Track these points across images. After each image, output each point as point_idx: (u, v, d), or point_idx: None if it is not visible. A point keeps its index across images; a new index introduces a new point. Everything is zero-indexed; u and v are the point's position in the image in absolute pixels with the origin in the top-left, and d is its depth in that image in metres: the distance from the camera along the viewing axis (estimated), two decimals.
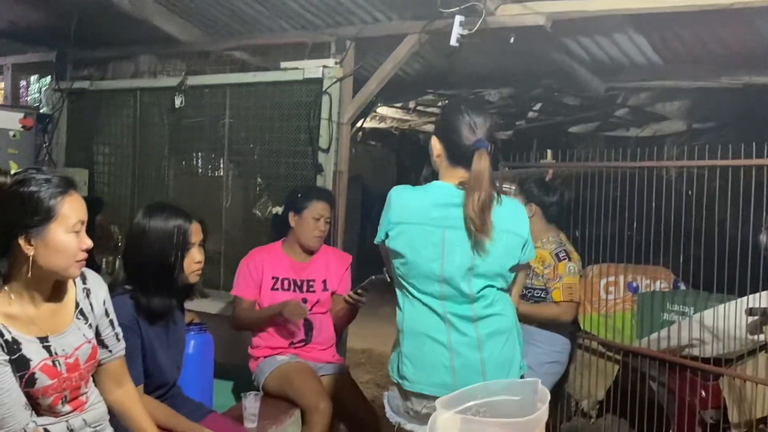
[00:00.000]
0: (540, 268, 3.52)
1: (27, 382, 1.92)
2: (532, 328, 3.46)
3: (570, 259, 3.51)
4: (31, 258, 1.89)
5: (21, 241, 1.88)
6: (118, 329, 2.22)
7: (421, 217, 2.27)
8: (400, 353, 2.33)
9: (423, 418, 2.25)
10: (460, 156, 2.26)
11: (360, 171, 10.18)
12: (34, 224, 1.88)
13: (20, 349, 1.91)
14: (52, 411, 2.00)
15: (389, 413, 2.38)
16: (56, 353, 1.98)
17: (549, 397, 1.37)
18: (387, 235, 2.29)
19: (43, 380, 1.94)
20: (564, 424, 4.08)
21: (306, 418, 3.18)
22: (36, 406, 1.96)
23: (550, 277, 3.49)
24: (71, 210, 1.92)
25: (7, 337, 1.90)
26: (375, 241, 2.35)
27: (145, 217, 2.49)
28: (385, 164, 12.43)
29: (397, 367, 2.33)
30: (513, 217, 2.32)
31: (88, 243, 1.96)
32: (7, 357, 1.89)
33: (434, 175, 2.39)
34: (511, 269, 2.31)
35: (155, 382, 2.52)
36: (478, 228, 2.19)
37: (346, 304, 3.42)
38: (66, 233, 1.91)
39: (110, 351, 2.19)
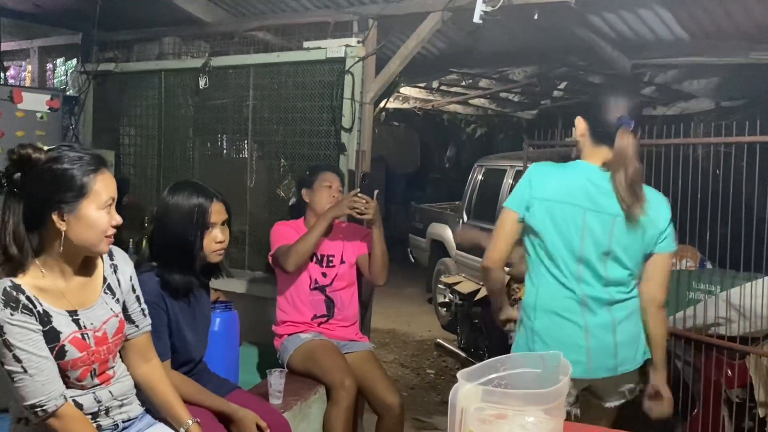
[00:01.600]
0: None
1: (57, 354, 1.96)
2: None
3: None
4: (63, 233, 1.92)
5: (54, 217, 1.92)
6: (144, 305, 2.25)
7: (564, 197, 2.30)
8: (529, 330, 2.35)
9: None
10: (603, 134, 2.29)
11: (383, 152, 10.19)
12: (67, 200, 1.92)
13: (51, 322, 1.95)
14: (80, 384, 2.04)
15: None
16: (85, 326, 2.02)
17: (571, 369, 1.38)
18: (526, 210, 2.33)
19: (72, 353, 1.98)
20: None
21: (331, 395, 3.21)
22: (64, 378, 2.00)
23: None
24: (103, 187, 1.96)
25: (39, 309, 1.94)
26: (505, 205, 2.40)
27: (170, 194, 2.53)
28: (408, 145, 12.42)
29: (527, 347, 2.34)
30: (652, 206, 2.32)
31: (118, 219, 1.99)
32: (41, 327, 1.93)
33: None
34: (645, 257, 2.34)
35: (181, 358, 2.55)
36: (628, 203, 2.22)
37: (357, 219, 3.40)
38: (98, 210, 1.95)
39: (137, 326, 2.22)
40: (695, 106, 6.71)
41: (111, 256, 2.16)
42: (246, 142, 4.66)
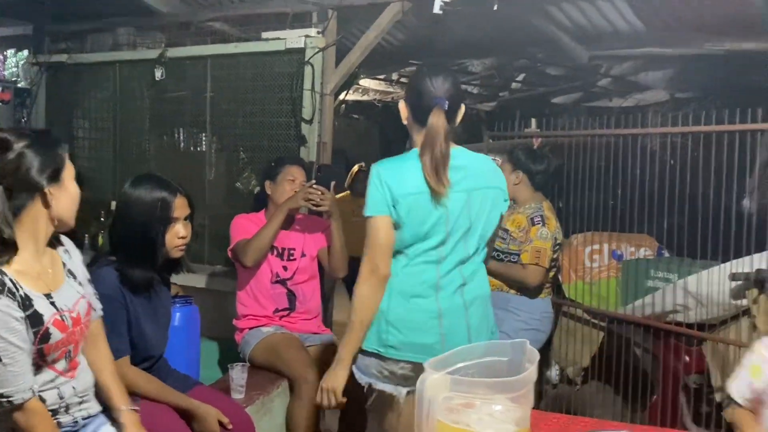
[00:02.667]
0: (516, 232, 3.50)
1: (42, 337, 1.92)
2: (509, 295, 3.46)
3: (544, 225, 3.47)
4: (50, 208, 1.95)
5: (47, 191, 1.94)
6: (94, 289, 2.22)
7: (419, 186, 2.27)
8: (382, 321, 2.30)
9: (398, 379, 2.28)
10: (422, 116, 2.28)
11: (343, 144, 10.12)
12: (53, 175, 1.95)
13: (33, 305, 1.92)
14: (53, 366, 2.00)
15: (358, 375, 2.38)
16: (61, 308, 2.00)
17: (538, 357, 1.38)
18: (393, 208, 2.26)
19: (56, 335, 1.95)
20: (550, 391, 4.11)
21: (294, 389, 3.19)
22: (40, 361, 1.96)
23: (522, 240, 3.47)
24: (68, 159, 2.02)
25: (21, 293, 1.90)
26: (370, 214, 2.27)
27: (131, 187, 2.47)
28: (368, 137, 12.39)
29: (378, 336, 2.30)
30: (491, 172, 2.38)
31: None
32: (23, 314, 1.89)
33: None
34: (498, 222, 2.37)
35: (141, 355, 2.49)
36: (433, 186, 2.22)
37: (313, 210, 3.36)
38: (71, 180, 2.01)
39: (95, 310, 2.19)
40: (651, 97, 6.82)
41: (60, 241, 2.14)
42: (204, 134, 4.59)
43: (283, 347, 3.27)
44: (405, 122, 2.38)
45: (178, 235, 2.47)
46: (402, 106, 2.38)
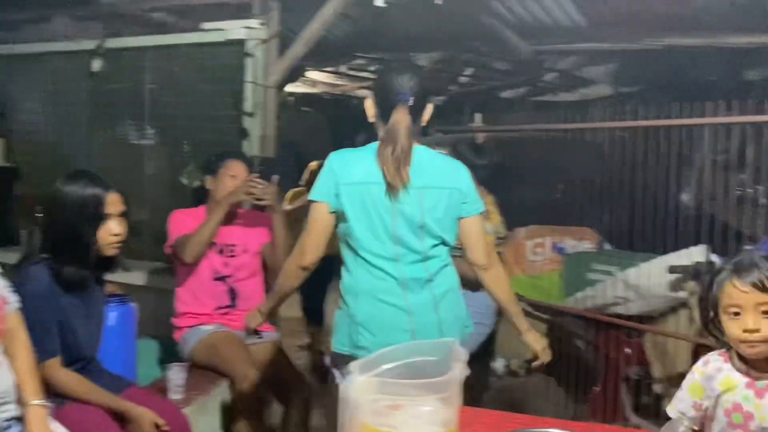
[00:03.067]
0: None
1: None
2: None
3: (488, 220, 3.48)
4: None
5: None
6: (8, 282, 2.16)
7: (369, 178, 2.26)
8: (352, 322, 2.28)
9: None
10: (387, 112, 2.27)
11: (294, 137, 10.04)
12: None
13: None
14: None
15: (338, 376, 2.30)
16: None
17: (465, 356, 1.36)
18: (335, 197, 2.26)
19: None
20: (494, 384, 4.13)
21: (234, 388, 3.13)
22: None
23: None
24: None
25: None
26: (311, 198, 2.30)
27: (63, 184, 2.41)
28: (319, 130, 12.29)
29: (350, 338, 2.29)
30: (452, 173, 2.35)
31: None
32: None
33: (369, 140, 2.39)
34: (456, 224, 2.35)
35: (72, 356, 2.42)
36: (390, 181, 2.21)
37: (255, 204, 3.32)
38: None
39: (9, 302, 2.13)
40: (595, 91, 6.88)
41: None
42: (144, 127, 4.48)
43: (223, 346, 3.21)
44: (371, 119, 2.37)
45: (111, 233, 2.41)
46: (368, 104, 2.38)
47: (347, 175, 2.25)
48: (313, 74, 7.81)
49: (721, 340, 1.77)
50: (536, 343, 2.50)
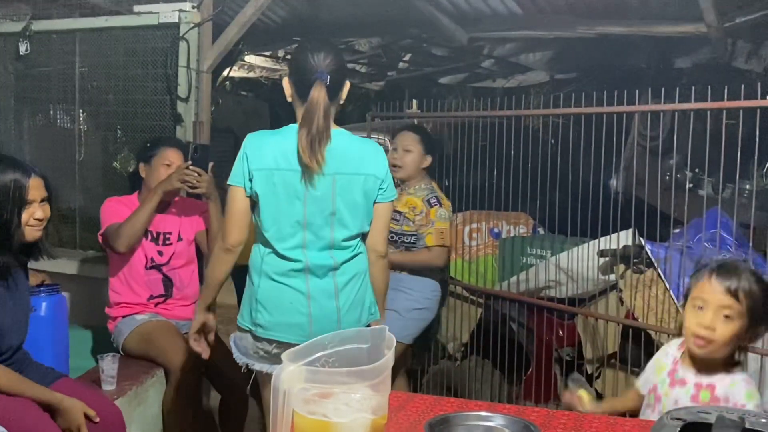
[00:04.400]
0: (411, 214, 3.53)
1: None
2: (401, 274, 3.49)
3: (441, 206, 3.54)
4: None
5: None
6: None
7: (281, 163, 2.26)
8: (253, 300, 2.33)
9: (274, 358, 2.29)
10: (304, 92, 2.26)
11: (232, 123, 9.91)
12: None
13: None
14: None
15: (236, 355, 2.43)
16: None
17: (395, 343, 1.37)
18: (249, 182, 2.27)
19: None
20: (432, 367, 4.18)
21: (169, 378, 3.10)
22: None
23: (423, 223, 3.52)
24: None
25: None
26: (229, 183, 2.30)
27: None
28: (257, 115, 12.16)
29: (250, 314, 2.34)
30: (368, 158, 2.34)
31: None
32: None
33: None
34: (370, 212, 2.35)
35: None
36: (306, 162, 2.20)
37: (190, 192, 3.26)
38: None
39: None
40: (532, 78, 7.00)
41: None
42: (74, 111, 4.36)
43: (157, 335, 3.17)
44: (289, 99, 2.36)
45: (33, 217, 2.35)
46: (285, 83, 2.37)
47: (259, 160, 2.25)
48: (250, 59, 7.73)
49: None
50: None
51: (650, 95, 3.27)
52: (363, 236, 2.40)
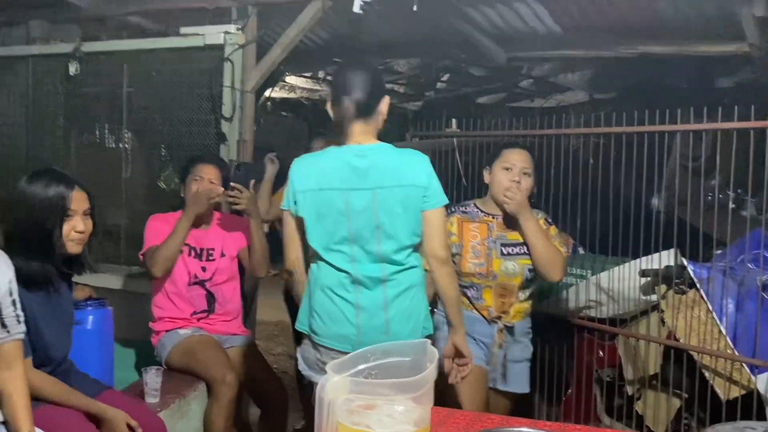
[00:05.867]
0: None
1: None
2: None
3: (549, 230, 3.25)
4: None
5: None
6: (20, 312, 2.15)
7: (321, 183, 2.34)
8: (310, 307, 2.43)
9: None
10: (342, 112, 2.37)
11: (272, 142, 10.05)
12: None
13: None
14: None
15: (302, 366, 2.49)
16: None
17: (437, 356, 1.39)
18: (294, 204, 2.38)
19: None
20: None
21: (212, 391, 3.14)
22: None
23: None
24: None
25: None
26: (281, 207, 2.44)
27: (27, 183, 2.42)
28: (297, 135, 12.31)
29: (308, 320, 2.43)
30: (408, 168, 2.39)
31: None
32: None
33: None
34: (418, 222, 2.38)
35: (40, 357, 2.41)
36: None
37: (234, 208, 3.34)
38: None
39: (8, 332, 2.12)
40: (570, 98, 6.98)
41: None
42: (121, 131, 4.48)
43: (200, 349, 3.22)
44: (334, 122, 2.44)
45: (75, 229, 2.42)
46: (329, 107, 2.46)
47: (302, 182, 2.37)
48: (291, 79, 7.84)
49: None
50: (461, 346, 2.55)
51: (692, 115, 3.24)
52: (417, 248, 2.43)
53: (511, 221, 3.02)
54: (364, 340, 2.26)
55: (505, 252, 3.03)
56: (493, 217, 3.09)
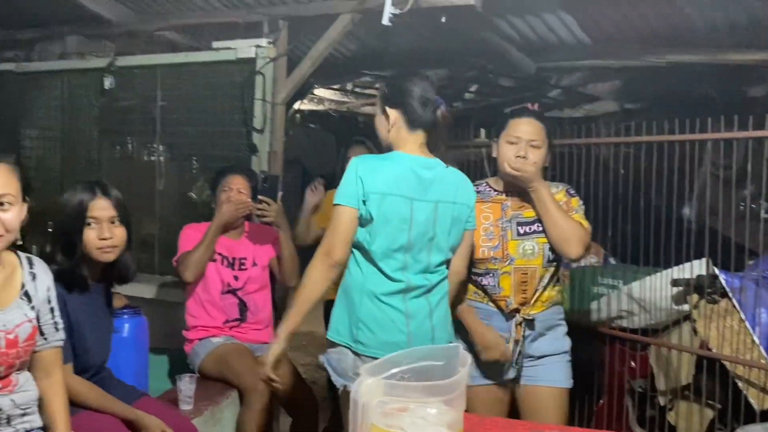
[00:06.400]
0: None
1: None
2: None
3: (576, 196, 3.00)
4: None
5: None
6: (59, 319, 2.20)
7: (393, 188, 2.34)
8: (354, 317, 2.37)
9: None
10: (420, 119, 2.37)
11: (300, 154, 10.12)
12: None
13: None
14: None
15: (334, 376, 2.42)
16: None
17: (470, 360, 1.41)
18: (363, 204, 2.34)
19: None
20: None
21: (244, 399, 3.18)
22: None
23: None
24: None
25: None
26: (337, 202, 2.36)
27: (66, 191, 2.54)
28: (325, 147, 12.39)
29: (350, 331, 2.37)
30: (463, 187, 2.46)
31: None
32: None
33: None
34: (459, 240, 2.46)
35: (81, 364, 2.47)
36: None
37: (262, 220, 3.36)
38: None
39: (46, 339, 2.16)
40: (600, 108, 6.95)
41: (31, 264, 2.13)
42: (155, 143, 4.56)
43: (233, 357, 3.26)
44: (391, 128, 2.41)
45: (99, 236, 2.46)
46: (391, 113, 2.40)
47: (373, 183, 2.32)
48: (320, 91, 7.90)
49: None
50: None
51: (723, 123, 3.22)
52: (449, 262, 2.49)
53: (527, 197, 2.72)
54: (414, 346, 2.26)
55: (521, 231, 2.71)
56: (507, 195, 2.77)
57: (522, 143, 2.65)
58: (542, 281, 2.73)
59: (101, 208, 2.47)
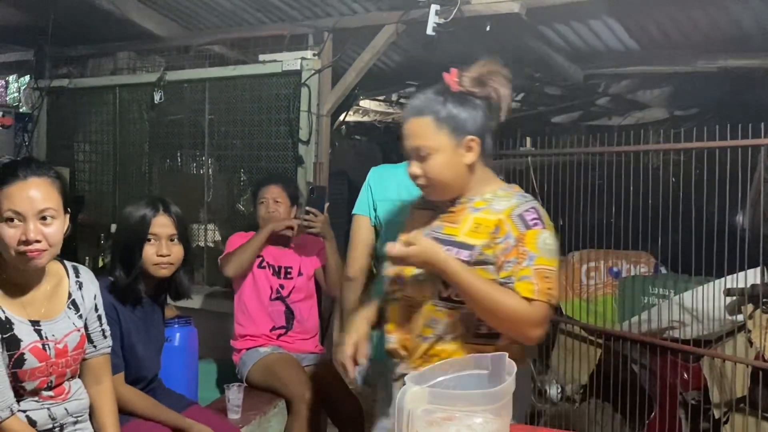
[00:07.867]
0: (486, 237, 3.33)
1: (15, 362, 1.94)
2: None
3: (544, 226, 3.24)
4: None
5: None
6: (106, 327, 2.25)
7: (402, 194, 2.35)
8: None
9: None
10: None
11: (345, 166, 10.17)
12: None
13: (12, 329, 1.94)
14: (35, 395, 2.02)
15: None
16: (46, 337, 2.01)
17: (515, 368, 1.39)
18: (374, 211, 2.38)
19: (31, 362, 1.97)
20: (549, 409, 4.10)
21: (291, 408, 3.19)
22: (20, 389, 1.97)
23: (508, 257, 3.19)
24: (4, 199, 1.89)
25: (1, 316, 1.93)
26: (355, 212, 2.41)
27: (128, 205, 2.58)
28: (370, 158, 12.43)
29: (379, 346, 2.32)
30: None
31: (29, 236, 1.87)
32: (1, 334, 1.91)
33: None
34: None
35: (133, 375, 2.51)
36: None
37: (309, 231, 3.37)
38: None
39: (95, 346, 2.21)
40: (650, 115, 6.82)
41: (77, 273, 2.17)
42: (203, 156, 4.64)
43: (280, 367, 3.28)
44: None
45: (158, 253, 2.49)
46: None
47: (382, 191, 2.36)
48: (365, 103, 7.95)
49: None
50: None
51: None
52: None
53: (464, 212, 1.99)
54: None
55: None
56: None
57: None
58: (426, 327, 1.92)
59: (162, 225, 2.51)
